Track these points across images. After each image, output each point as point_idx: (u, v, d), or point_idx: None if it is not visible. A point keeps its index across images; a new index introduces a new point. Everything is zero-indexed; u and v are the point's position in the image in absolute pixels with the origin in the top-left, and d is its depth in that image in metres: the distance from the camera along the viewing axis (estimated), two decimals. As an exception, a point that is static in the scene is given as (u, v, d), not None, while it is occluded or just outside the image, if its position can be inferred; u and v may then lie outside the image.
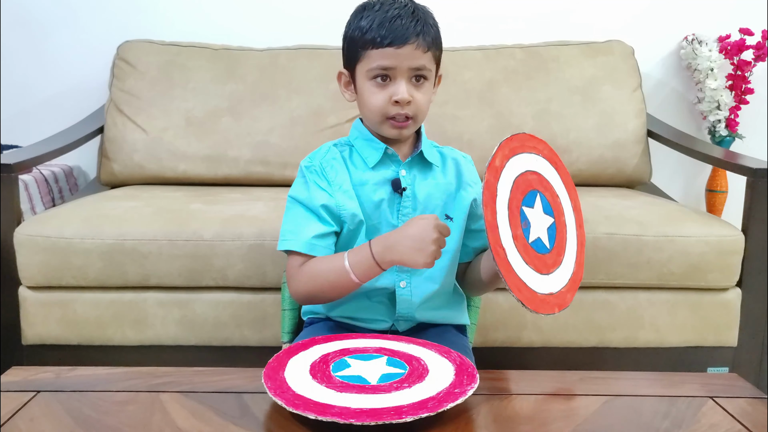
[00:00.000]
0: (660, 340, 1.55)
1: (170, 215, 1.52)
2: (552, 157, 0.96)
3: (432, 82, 1.01)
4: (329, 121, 1.93)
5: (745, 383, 0.85)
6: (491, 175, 0.85)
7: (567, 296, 0.91)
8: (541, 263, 0.89)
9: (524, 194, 0.89)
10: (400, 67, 0.95)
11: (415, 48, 0.94)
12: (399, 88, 0.95)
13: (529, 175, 0.91)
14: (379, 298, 1.04)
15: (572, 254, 0.95)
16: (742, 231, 1.54)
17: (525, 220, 0.88)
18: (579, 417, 0.75)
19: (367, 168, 1.02)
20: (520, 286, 0.85)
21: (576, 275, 0.94)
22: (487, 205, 0.83)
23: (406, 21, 0.94)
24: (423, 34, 0.95)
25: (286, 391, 0.73)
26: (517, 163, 0.90)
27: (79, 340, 1.50)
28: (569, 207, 0.96)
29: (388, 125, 0.98)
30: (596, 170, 1.97)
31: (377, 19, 0.94)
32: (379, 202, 1.01)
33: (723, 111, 2.13)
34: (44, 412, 0.73)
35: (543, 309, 0.87)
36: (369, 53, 0.95)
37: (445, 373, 0.78)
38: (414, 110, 0.97)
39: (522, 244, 0.87)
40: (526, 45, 2.09)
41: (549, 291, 0.89)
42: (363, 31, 0.95)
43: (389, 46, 0.93)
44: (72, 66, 2.16)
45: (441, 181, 1.05)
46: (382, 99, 0.96)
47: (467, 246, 1.08)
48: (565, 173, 0.98)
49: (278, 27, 2.16)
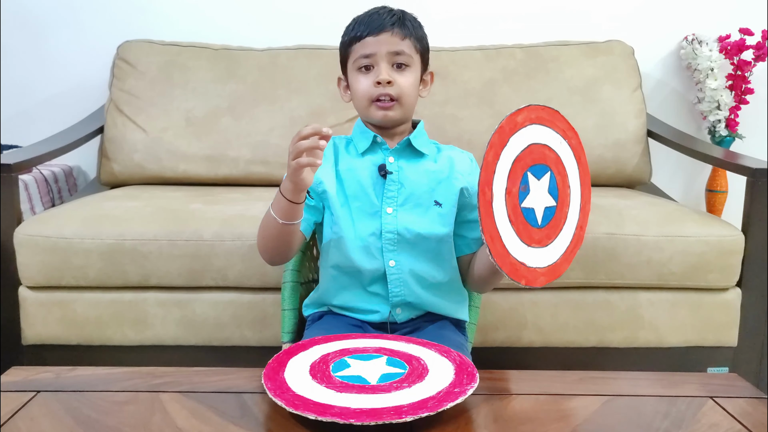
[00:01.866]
0: (660, 340, 1.55)
1: (170, 215, 1.52)
2: (578, 150, 0.93)
3: (415, 72, 1.07)
4: (329, 121, 1.93)
5: (745, 383, 0.85)
6: (508, 125, 0.83)
7: (539, 278, 0.88)
8: (526, 232, 0.86)
9: (535, 162, 0.86)
10: (379, 52, 1.04)
11: (392, 35, 1.04)
12: (380, 70, 1.04)
13: (547, 151, 0.88)
14: (373, 286, 1.06)
15: (562, 246, 0.91)
16: (742, 231, 1.53)
17: (525, 184, 0.86)
18: (579, 417, 0.75)
19: (357, 155, 1.09)
20: (494, 234, 0.82)
21: (558, 267, 0.90)
22: (492, 147, 0.81)
23: (383, 15, 1.05)
24: (399, 25, 1.05)
25: (286, 391, 0.73)
26: (539, 132, 0.87)
27: (79, 340, 1.50)
28: (576, 204, 0.94)
29: (374, 108, 1.06)
30: (596, 170, 1.97)
31: (359, 20, 1.07)
32: (366, 185, 1.07)
33: (723, 111, 2.13)
34: (44, 412, 0.73)
35: (510, 272, 0.84)
36: (353, 48, 1.06)
37: (444, 372, 0.78)
38: (397, 91, 1.04)
39: (513, 203, 0.84)
40: (526, 45, 2.09)
41: (523, 261, 0.86)
42: (349, 32, 1.08)
43: (368, 36, 1.04)
44: (72, 66, 2.16)
45: (431, 168, 1.09)
46: (367, 83, 1.05)
47: (466, 237, 1.09)
48: (585, 170, 0.95)
49: (278, 27, 2.16)
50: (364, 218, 1.06)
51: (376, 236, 1.05)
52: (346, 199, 1.06)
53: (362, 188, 1.06)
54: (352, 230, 1.05)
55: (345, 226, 1.05)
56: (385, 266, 1.05)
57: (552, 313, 1.52)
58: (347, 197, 1.07)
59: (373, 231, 1.05)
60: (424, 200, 1.07)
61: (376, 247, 1.05)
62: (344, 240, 1.05)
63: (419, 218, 1.06)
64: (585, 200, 0.96)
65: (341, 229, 1.05)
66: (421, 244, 1.06)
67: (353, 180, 1.07)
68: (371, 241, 1.05)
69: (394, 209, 1.06)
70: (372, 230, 1.05)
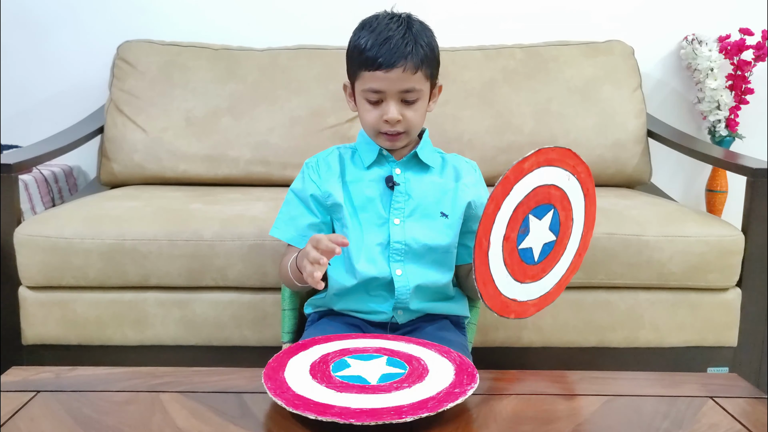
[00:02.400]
0: (660, 340, 1.55)
1: (170, 215, 1.52)
2: (586, 182, 0.94)
3: (425, 99, 1.05)
4: (329, 121, 1.93)
5: (745, 383, 0.85)
6: (514, 174, 0.84)
7: (530, 309, 0.93)
8: (520, 271, 0.90)
9: (538, 204, 0.88)
10: (389, 90, 1.01)
11: (403, 71, 0.99)
12: (389, 108, 1.01)
13: (553, 190, 0.90)
14: (378, 290, 1.07)
15: (557, 275, 0.95)
16: (742, 231, 1.53)
17: (525, 226, 0.88)
18: (579, 417, 0.75)
19: (363, 167, 1.09)
20: (486, 280, 0.86)
21: (550, 295, 0.95)
22: (494, 199, 0.83)
23: (396, 42, 0.99)
24: (412, 55, 0.99)
25: (286, 391, 0.73)
26: (547, 173, 0.88)
27: (79, 340, 1.50)
28: (578, 233, 0.96)
29: (382, 138, 1.05)
30: (596, 170, 1.94)
31: (371, 40, 1.00)
32: (372, 197, 1.07)
33: (723, 111, 2.13)
34: (44, 412, 0.73)
35: (500, 310, 0.89)
36: (362, 74, 1.02)
37: (445, 373, 0.78)
38: (405, 127, 1.03)
39: (510, 247, 0.87)
40: (526, 45, 2.09)
41: (514, 297, 0.90)
42: (359, 51, 1.01)
43: (378, 69, 0.99)
44: (72, 66, 2.16)
45: (437, 180, 1.10)
46: (374, 117, 1.03)
47: (468, 246, 1.09)
48: (592, 201, 0.96)
49: (278, 27, 2.16)
50: (372, 228, 1.06)
51: (384, 246, 1.06)
52: (354, 210, 1.07)
53: (370, 199, 1.07)
54: (360, 240, 1.06)
55: (354, 235, 1.06)
56: (392, 275, 1.05)
57: (552, 313, 1.52)
58: (355, 208, 1.07)
59: (381, 241, 1.06)
60: (431, 211, 1.07)
61: (383, 256, 1.06)
62: (352, 249, 1.05)
63: (426, 229, 1.06)
64: (587, 227, 0.97)
65: (350, 239, 1.05)
66: (428, 255, 1.06)
67: (360, 191, 1.08)
68: (378, 251, 1.05)
69: (401, 220, 1.06)
70: (379, 240, 1.06)
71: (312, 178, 1.09)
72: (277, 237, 1.10)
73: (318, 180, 1.09)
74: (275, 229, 1.10)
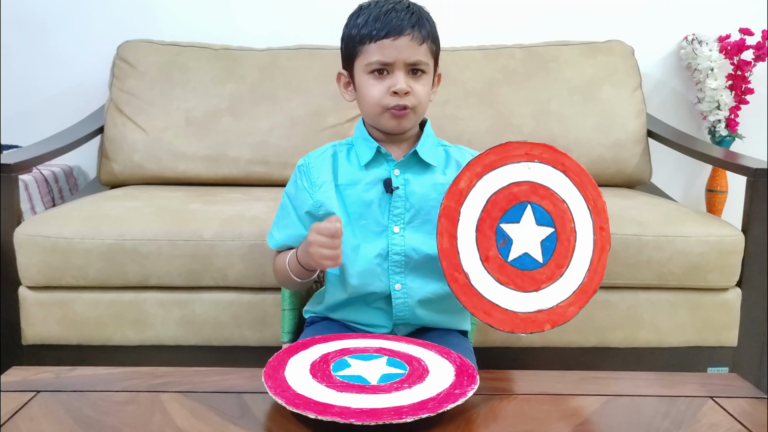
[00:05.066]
0: (660, 340, 1.55)
1: (170, 215, 1.52)
2: (555, 158, 0.88)
3: (430, 77, 1.01)
4: (329, 121, 1.93)
5: (745, 383, 0.85)
6: (451, 200, 0.83)
7: (568, 310, 0.86)
8: (526, 280, 0.85)
9: (504, 210, 0.85)
10: (397, 60, 0.96)
11: (411, 39, 0.95)
12: (397, 79, 0.96)
13: (515, 188, 0.86)
14: (377, 303, 1.03)
15: (583, 262, 0.88)
16: (742, 231, 1.54)
17: (504, 237, 0.84)
18: (579, 417, 0.75)
19: (360, 167, 1.02)
20: (487, 308, 0.84)
21: (586, 285, 0.87)
22: (443, 234, 0.82)
23: (401, 14, 0.96)
24: (418, 26, 0.96)
25: (286, 390, 0.73)
26: (494, 178, 0.85)
27: (79, 340, 1.50)
28: (584, 210, 0.89)
29: (388, 116, 0.98)
30: (596, 170, 1.97)
31: (372, 14, 0.96)
32: (370, 201, 1.00)
33: (723, 111, 2.13)
34: (44, 412, 0.73)
35: (526, 328, 0.85)
36: (366, 48, 0.97)
37: (445, 373, 0.78)
38: (413, 101, 0.97)
39: (497, 265, 0.84)
40: (526, 45, 2.09)
41: (538, 308, 0.85)
42: (359, 27, 0.97)
43: (386, 37, 0.95)
44: (72, 66, 2.16)
45: (439, 181, 1.02)
46: (381, 90, 0.97)
47: None
48: (577, 173, 0.89)
49: (278, 27, 2.16)
50: (369, 238, 1.00)
51: (383, 257, 1.00)
52: (349, 219, 1.00)
53: (367, 206, 1.00)
54: (356, 252, 1.00)
55: (349, 247, 0.99)
56: (390, 289, 1.01)
57: (552, 313, 1.52)
58: (350, 216, 1.01)
59: (379, 252, 1.00)
60: (432, 216, 0.97)
61: (381, 268, 1.00)
62: (348, 262, 1.00)
63: (427, 237, 0.99)
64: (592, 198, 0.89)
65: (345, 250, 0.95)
66: (429, 265, 0.99)
67: (356, 197, 1.01)
68: (377, 263, 1.00)
69: (401, 228, 1.00)
70: (378, 251, 1.00)
71: (304, 185, 1.03)
72: (272, 247, 1.07)
73: (309, 186, 1.02)
74: (271, 237, 1.07)
